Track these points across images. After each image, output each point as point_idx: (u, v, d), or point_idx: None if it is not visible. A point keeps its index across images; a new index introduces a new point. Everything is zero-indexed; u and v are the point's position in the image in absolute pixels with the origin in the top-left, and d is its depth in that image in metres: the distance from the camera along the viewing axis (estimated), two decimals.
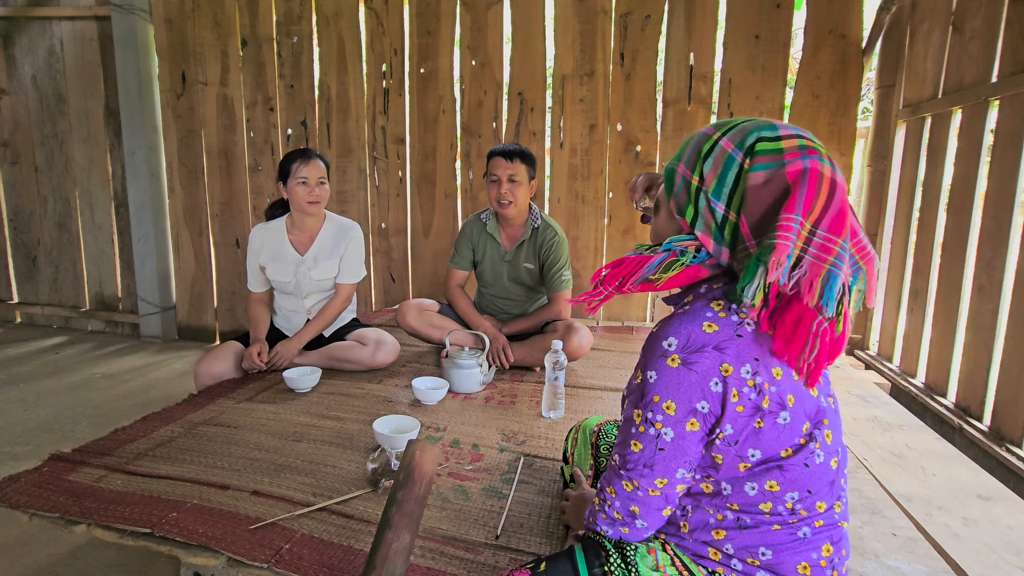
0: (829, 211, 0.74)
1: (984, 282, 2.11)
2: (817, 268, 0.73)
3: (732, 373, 0.76)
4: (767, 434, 0.78)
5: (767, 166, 0.76)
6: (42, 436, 2.41)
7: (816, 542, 0.81)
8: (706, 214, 0.80)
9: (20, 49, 3.81)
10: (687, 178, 0.82)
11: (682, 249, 0.81)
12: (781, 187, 0.75)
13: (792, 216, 0.72)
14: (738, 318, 0.78)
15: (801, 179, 0.74)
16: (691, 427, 0.78)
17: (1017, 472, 1.82)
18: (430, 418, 1.78)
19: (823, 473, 0.80)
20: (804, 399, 0.80)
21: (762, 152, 0.77)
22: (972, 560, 1.25)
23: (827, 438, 0.81)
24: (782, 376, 0.78)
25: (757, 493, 0.80)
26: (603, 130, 3.21)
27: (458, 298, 2.41)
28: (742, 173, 0.77)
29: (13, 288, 4.16)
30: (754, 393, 0.76)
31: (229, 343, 2.14)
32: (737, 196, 0.78)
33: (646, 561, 0.84)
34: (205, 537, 1.13)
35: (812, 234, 0.73)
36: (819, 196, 0.74)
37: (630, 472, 0.82)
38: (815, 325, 0.74)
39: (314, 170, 2.08)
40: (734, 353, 0.76)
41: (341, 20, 3.42)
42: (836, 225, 0.74)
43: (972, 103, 2.23)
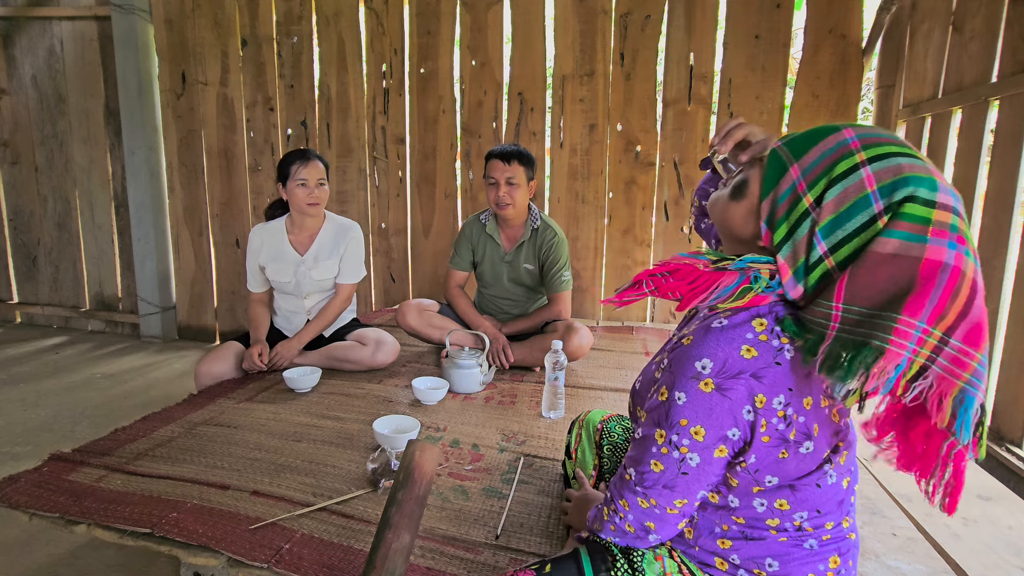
0: (967, 319, 0.62)
1: (984, 282, 2.11)
2: (949, 384, 0.62)
3: (765, 404, 0.71)
4: (788, 464, 0.75)
5: (905, 236, 0.62)
6: (42, 436, 2.41)
7: (823, 554, 0.79)
8: (801, 245, 0.69)
9: (20, 49, 3.81)
10: (799, 191, 0.70)
11: (756, 274, 0.71)
12: (909, 275, 0.62)
13: (915, 322, 0.61)
14: (779, 343, 0.70)
15: (939, 276, 0.61)
16: (719, 454, 0.74)
17: (1017, 472, 1.82)
18: (430, 418, 1.78)
19: (834, 493, 0.78)
20: (827, 426, 0.76)
21: (907, 217, 0.62)
22: (972, 560, 1.25)
23: (841, 460, 0.78)
24: (811, 405, 0.73)
25: (766, 510, 0.78)
26: (603, 130, 3.21)
27: (458, 298, 2.41)
28: (872, 226, 0.65)
29: (13, 288, 4.16)
30: (783, 424, 0.73)
31: (229, 343, 2.14)
32: (849, 248, 0.66)
33: (653, 567, 0.83)
34: (205, 537, 1.13)
35: (943, 343, 0.62)
36: (955, 300, 0.62)
37: (648, 490, 0.78)
38: (944, 447, 0.64)
39: (313, 172, 2.08)
40: (770, 382, 0.71)
41: (341, 20, 3.42)
42: (974, 337, 0.62)
43: (972, 103, 2.23)
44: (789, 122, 3.02)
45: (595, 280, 3.35)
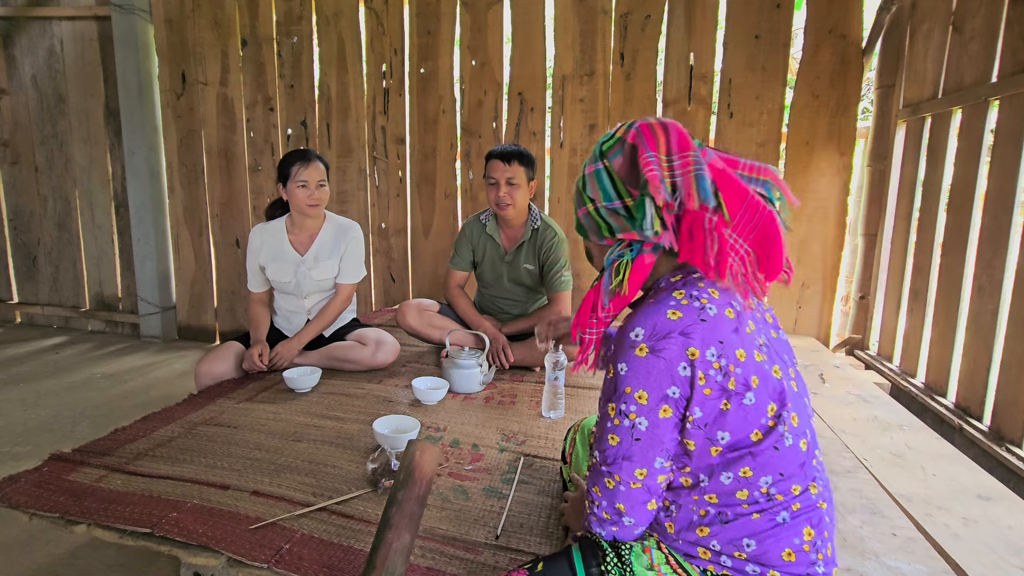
0: (671, 138, 0.84)
1: (984, 282, 2.12)
2: (687, 180, 0.81)
3: (699, 357, 0.79)
4: (734, 415, 0.80)
5: (617, 151, 0.88)
6: (42, 436, 2.41)
7: (796, 526, 0.82)
8: (612, 218, 0.89)
9: (20, 49, 3.81)
10: (585, 212, 0.93)
11: (619, 253, 0.87)
12: (631, 151, 0.86)
13: (645, 155, 0.83)
14: (700, 304, 0.81)
15: (638, 134, 0.86)
16: (664, 414, 0.81)
17: (1017, 472, 1.82)
18: (430, 418, 1.78)
19: (793, 455, 0.82)
20: (768, 380, 0.82)
21: (609, 147, 0.89)
22: (972, 560, 1.25)
23: (793, 420, 0.83)
24: (746, 358, 0.81)
25: (732, 481, 0.82)
26: (603, 130, 3.21)
27: (458, 298, 2.41)
28: (609, 171, 0.88)
29: (13, 288, 4.16)
30: (720, 375, 0.79)
31: (229, 343, 2.14)
32: (620, 187, 0.88)
33: (641, 560, 0.85)
34: (205, 537, 1.13)
35: (670, 160, 0.83)
36: (657, 134, 0.85)
37: (611, 467, 0.84)
38: (707, 222, 0.81)
39: (314, 173, 2.08)
40: (700, 337, 0.79)
41: (341, 20, 3.42)
42: (682, 143, 0.84)
43: (972, 103, 2.23)
44: (789, 121, 3.02)
45: None
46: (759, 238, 0.82)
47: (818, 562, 0.82)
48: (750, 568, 0.81)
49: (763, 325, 0.89)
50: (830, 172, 3.02)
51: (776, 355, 0.87)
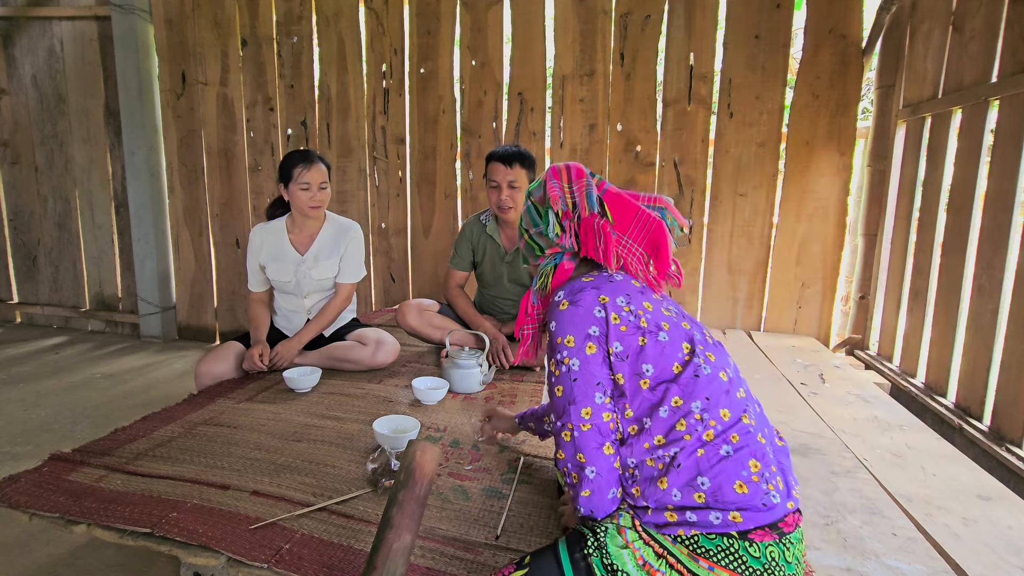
0: (571, 173, 1.12)
1: (984, 282, 2.12)
2: (580, 197, 1.08)
3: (609, 301, 0.98)
4: (651, 349, 0.95)
5: (539, 188, 1.16)
6: (42, 436, 2.41)
7: (740, 459, 0.89)
8: (539, 239, 1.14)
9: (20, 49, 3.81)
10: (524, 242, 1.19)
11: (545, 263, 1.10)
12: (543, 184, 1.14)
13: (551, 183, 1.12)
14: (607, 274, 1.04)
15: (548, 174, 1.14)
16: (590, 350, 0.96)
17: (1017, 472, 1.82)
18: (430, 418, 1.78)
19: (714, 383, 0.94)
20: (677, 328, 0.99)
21: (532, 188, 1.18)
22: (972, 560, 1.25)
23: (709, 357, 0.97)
24: (653, 309, 0.99)
25: (669, 413, 0.92)
26: (603, 130, 3.21)
27: (458, 298, 2.41)
28: (534, 204, 1.15)
29: (13, 288, 4.16)
30: (631, 316, 0.97)
31: (229, 343, 2.14)
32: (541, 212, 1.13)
33: (615, 540, 0.90)
34: (205, 537, 1.13)
35: (569, 185, 1.10)
36: (561, 172, 1.13)
37: (562, 419, 0.96)
38: (596, 225, 1.05)
39: (316, 175, 2.07)
40: (608, 289, 0.99)
41: (341, 20, 3.42)
42: (578, 175, 1.11)
43: (972, 103, 2.23)
44: (789, 121, 3.02)
45: None
46: (651, 242, 1.05)
47: (770, 492, 0.87)
48: (713, 516, 0.86)
49: (669, 301, 1.08)
50: (830, 172, 3.02)
51: (684, 318, 1.04)
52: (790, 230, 3.11)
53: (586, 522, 0.95)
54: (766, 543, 0.85)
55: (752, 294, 3.21)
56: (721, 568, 0.84)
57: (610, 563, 0.88)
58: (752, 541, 0.85)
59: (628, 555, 0.88)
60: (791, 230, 3.10)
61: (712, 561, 0.85)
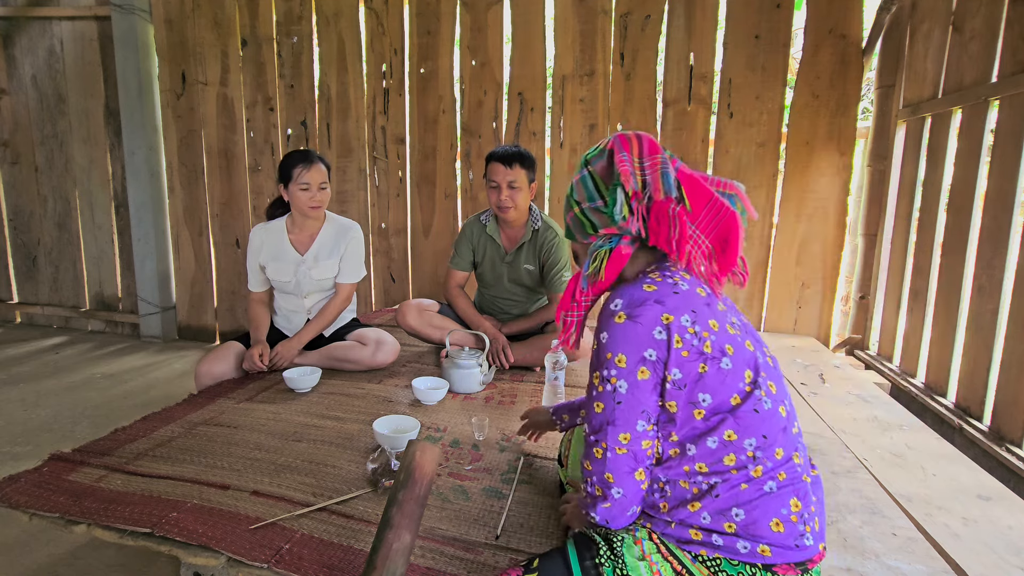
0: (644, 146, 0.95)
1: (984, 282, 2.11)
2: (655, 176, 0.92)
3: (673, 321, 0.86)
4: (712, 378, 0.85)
5: (599, 157, 0.99)
6: (42, 436, 2.41)
7: (782, 496, 0.84)
8: (595, 216, 0.99)
9: (20, 49, 3.81)
10: (572, 215, 1.03)
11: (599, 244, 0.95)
12: (609, 155, 0.97)
13: (620, 156, 0.94)
14: (672, 281, 0.90)
15: (616, 142, 0.97)
16: (642, 375, 0.86)
17: (1017, 472, 1.82)
18: (430, 418, 1.78)
19: (773, 419, 0.86)
20: (741, 351, 0.88)
21: (592, 156, 1.00)
22: (972, 560, 1.25)
23: (771, 388, 0.88)
24: (719, 328, 0.87)
25: (719, 446, 0.85)
26: (603, 130, 3.21)
27: (458, 298, 2.41)
28: (592, 174, 0.99)
29: (13, 288, 4.16)
30: (695, 340, 0.85)
31: (229, 343, 2.14)
32: (600, 186, 0.98)
33: (632, 551, 0.87)
34: (205, 537, 1.13)
35: (641, 161, 0.94)
36: (631, 141, 0.96)
37: (597, 435, 0.89)
38: (670, 210, 0.91)
39: (316, 175, 2.07)
40: (673, 305, 0.87)
41: (341, 20, 3.42)
42: (652, 149, 0.95)
43: (972, 103, 2.23)
44: (789, 122, 3.02)
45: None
46: (720, 234, 0.92)
47: (806, 534, 0.83)
48: (740, 545, 0.82)
49: (732, 310, 0.96)
50: (830, 172, 3.02)
51: (748, 334, 0.93)
52: (790, 230, 3.11)
53: (598, 529, 0.93)
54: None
55: (752, 294, 3.21)
56: None
57: (624, 574, 0.86)
58: (776, 574, 0.83)
59: (645, 568, 0.86)
60: (791, 230, 3.10)
61: None
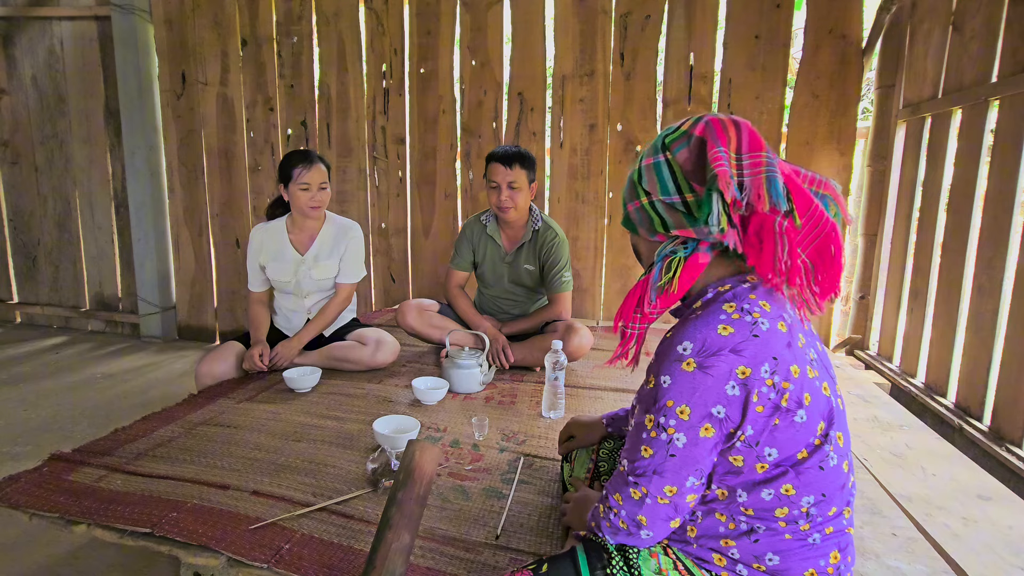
0: (743, 137, 0.81)
1: (984, 282, 2.11)
2: (757, 181, 0.78)
3: (751, 375, 0.75)
4: (783, 432, 0.77)
5: (683, 144, 0.83)
6: (42, 436, 2.41)
7: (825, 548, 0.81)
8: (668, 213, 0.84)
9: (20, 49, 3.81)
10: (637, 206, 0.88)
11: (672, 249, 0.82)
12: (698, 143, 0.82)
13: (715, 150, 0.79)
14: (752, 318, 0.77)
15: (708, 129, 0.82)
16: (705, 433, 0.77)
17: (1017, 472, 1.82)
18: (430, 418, 1.78)
19: (836, 476, 0.80)
20: (817, 399, 0.79)
21: (673, 140, 0.84)
22: (972, 560, 1.25)
23: (839, 440, 0.81)
24: (799, 374, 0.77)
25: (773, 498, 0.79)
26: (603, 130, 3.21)
27: (458, 298, 2.41)
28: (671, 164, 0.84)
29: (13, 288, 4.16)
30: (773, 392, 0.76)
31: (229, 343, 2.14)
32: (681, 181, 0.83)
33: (649, 564, 0.84)
34: (205, 537, 1.13)
35: (739, 159, 0.79)
36: (728, 131, 0.81)
37: (639, 479, 0.81)
38: (776, 226, 0.77)
39: (316, 175, 2.07)
40: (751, 354, 0.75)
41: (341, 20, 3.42)
42: (754, 144, 0.80)
43: (972, 103, 2.23)
44: (789, 122, 3.02)
45: (595, 280, 3.35)
46: (819, 249, 0.79)
47: None
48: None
49: (810, 338, 0.85)
50: (830, 172, 3.02)
51: (824, 371, 0.83)
52: None
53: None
54: None
55: None
56: None
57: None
58: None
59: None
60: None
61: None
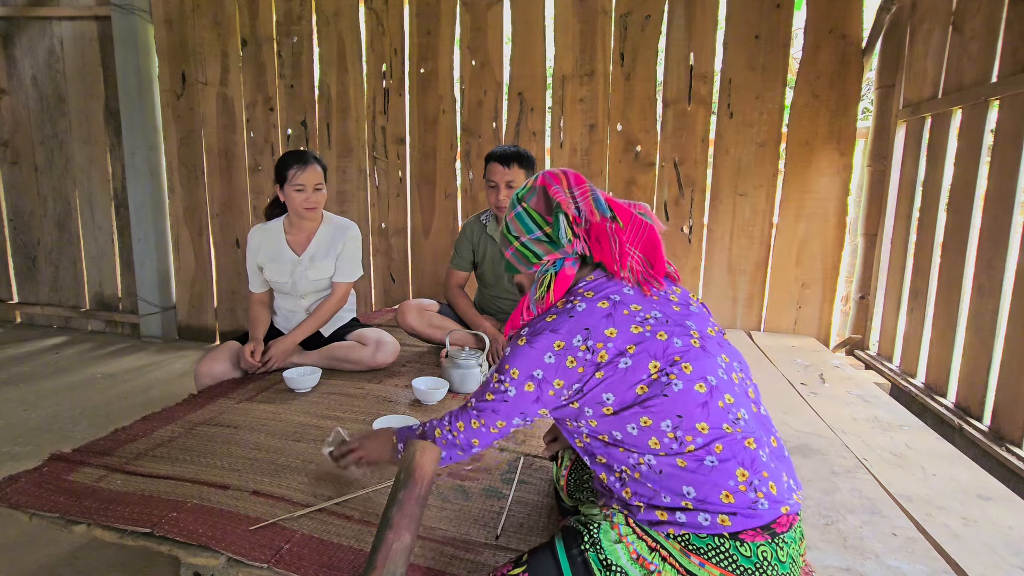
0: (570, 178, 1.12)
1: (984, 282, 2.12)
2: (587, 204, 1.08)
3: (564, 347, 0.98)
4: (611, 379, 0.96)
5: (532, 194, 1.13)
6: (42, 436, 2.41)
7: (726, 469, 0.88)
8: (536, 246, 1.11)
9: (20, 49, 3.81)
10: (513, 250, 1.13)
11: (544, 270, 1.07)
12: (542, 190, 1.12)
13: (553, 188, 1.10)
14: (571, 305, 1.02)
15: (545, 178, 1.12)
16: (527, 387, 1.01)
17: (1017, 472, 1.82)
18: (430, 418, 1.78)
19: (686, 397, 0.92)
20: (647, 345, 0.96)
21: (523, 194, 1.14)
22: (972, 560, 1.25)
23: (685, 369, 0.94)
24: (616, 335, 0.98)
25: (638, 432, 0.93)
26: (603, 130, 3.21)
27: (458, 298, 2.41)
28: (527, 211, 1.12)
29: (13, 288, 4.16)
30: (588, 354, 0.97)
31: (229, 343, 2.14)
32: (538, 219, 1.11)
33: (608, 535, 0.91)
34: (205, 537, 1.13)
35: (571, 192, 1.10)
36: (559, 175, 1.12)
37: (481, 413, 1.05)
38: (608, 228, 1.06)
39: (311, 176, 2.06)
40: (566, 330, 0.99)
41: (341, 20, 3.42)
42: (579, 181, 1.11)
43: (972, 103, 2.23)
44: (789, 122, 3.02)
45: None
46: (646, 245, 1.06)
47: (759, 500, 0.86)
48: (702, 518, 0.86)
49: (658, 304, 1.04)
50: (830, 172, 3.02)
51: (666, 324, 1.00)
52: (790, 230, 3.11)
53: (580, 519, 0.97)
54: (758, 543, 0.85)
55: (752, 294, 3.21)
56: (712, 565, 0.86)
57: (605, 558, 0.90)
58: (743, 541, 0.85)
59: (622, 549, 0.90)
60: (791, 230, 3.10)
61: (703, 558, 0.86)
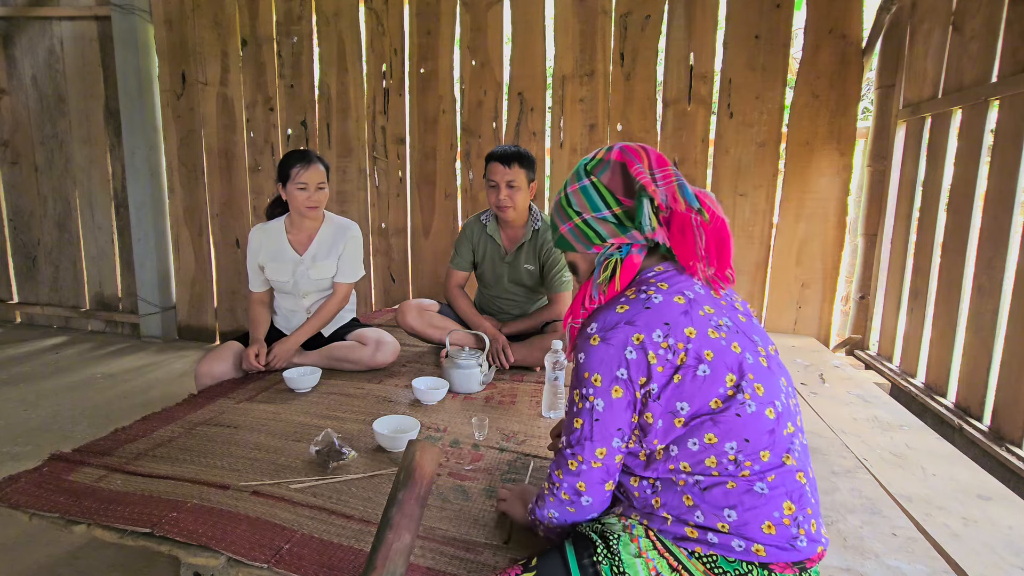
0: (651, 158, 1.00)
1: (984, 282, 2.12)
2: (671, 189, 0.96)
3: (644, 339, 0.90)
4: (688, 386, 0.88)
5: (604, 167, 1.02)
6: (42, 436, 2.41)
7: (775, 499, 0.85)
8: (600, 225, 1.01)
9: (20, 49, 3.81)
10: (571, 226, 1.04)
11: (609, 254, 0.98)
12: (619, 166, 1.01)
13: (636, 167, 0.98)
14: (646, 296, 0.94)
15: (624, 153, 1.01)
16: (616, 394, 0.91)
17: (1017, 472, 1.82)
18: (430, 418, 1.78)
19: (758, 422, 0.87)
20: (723, 355, 0.89)
21: (594, 166, 1.03)
22: (972, 560, 1.25)
23: (757, 390, 0.88)
24: (696, 335, 0.90)
25: (699, 448, 0.87)
26: (603, 130, 3.21)
27: (458, 298, 2.41)
28: (596, 186, 1.01)
29: (13, 288, 4.16)
30: (670, 353, 0.89)
31: (229, 343, 2.14)
32: (607, 196, 1.01)
33: (628, 548, 0.89)
34: (205, 537, 1.13)
35: (652, 172, 0.98)
36: (639, 153, 1.00)
37: (574, 449, 0.94)
38: (693, 220, 0.95)
39: (314, 175, 2.07)
40: (643, 323, 0.91)
41: (341, 20, 3.42)
42: (661, 162, 1.00)
43: (972, 103, 2.23)
44: (789, 122, 3.02)
45: None
46: (717, 240, 0.97)
47: (799, 536, 0.84)
48: (735, 543, 0.84)
49: (727, 310, 0.98)
50: (830, 172, 3.02)
51: (737, 335, 0.93)
52: (790, 230, 3.11)
53: (594, 528, 0.95)
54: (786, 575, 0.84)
55: (752, 294, 3.21)
56: None
57: (621, 571, 0.87)
58: (772, 571, 0.84)
59: (641, 564, 0.87)
60: (791, 230, 3.10)
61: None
